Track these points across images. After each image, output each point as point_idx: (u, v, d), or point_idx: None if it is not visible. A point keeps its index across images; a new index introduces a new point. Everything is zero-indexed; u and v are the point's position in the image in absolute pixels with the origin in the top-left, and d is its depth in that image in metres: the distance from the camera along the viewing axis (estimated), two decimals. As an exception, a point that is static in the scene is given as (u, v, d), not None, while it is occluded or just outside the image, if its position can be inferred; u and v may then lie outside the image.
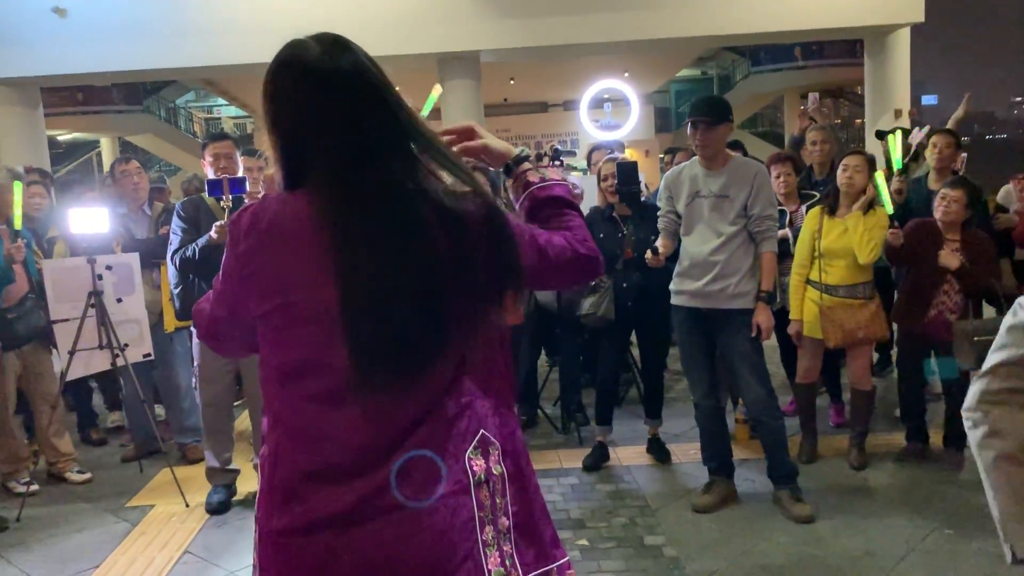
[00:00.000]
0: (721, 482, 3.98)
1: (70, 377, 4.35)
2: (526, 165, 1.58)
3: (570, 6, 12.01)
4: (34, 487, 4.52)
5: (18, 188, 4.17)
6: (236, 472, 4.34)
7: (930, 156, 4.81)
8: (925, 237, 4.15)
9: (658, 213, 4.02)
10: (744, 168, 3.81)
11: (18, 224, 4.21)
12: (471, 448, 1.38)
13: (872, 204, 4.15)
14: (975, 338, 3.88)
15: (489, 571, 1.36)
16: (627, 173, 4.20)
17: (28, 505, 4.29)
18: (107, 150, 24.30)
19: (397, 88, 1.44)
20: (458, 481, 1.35)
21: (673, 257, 3.98)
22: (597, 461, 4.50)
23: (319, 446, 1.34)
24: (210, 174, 4.13)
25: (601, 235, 4.37)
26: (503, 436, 1.44)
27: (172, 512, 4.22)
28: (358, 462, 1.32)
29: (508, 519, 1.42)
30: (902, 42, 12.89)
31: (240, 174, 4.08)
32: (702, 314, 3.82)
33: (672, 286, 3.93)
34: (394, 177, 1.33)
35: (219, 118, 31.18)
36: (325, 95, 1.34)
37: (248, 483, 4.37)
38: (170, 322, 4.77)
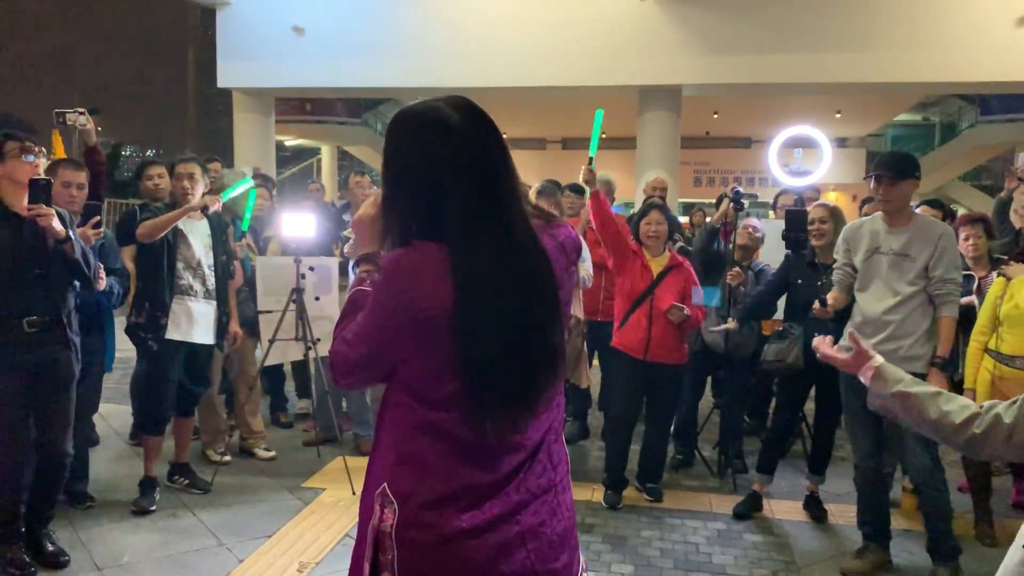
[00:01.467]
0: (875, 549, 3.83)
1: (268, 363, 4.84)
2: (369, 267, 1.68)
3: (778, 44, 11.78)
4: (227, 458, 5.05)
5: (252, 195, 4.73)
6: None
7: None
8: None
9: (834, 266, 3.95)
10: (929, 227, 3.68)
11: (245, 226, 4.75)
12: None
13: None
14: None
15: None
16: (795, 220, 4.16)
17: (220, 473, 4.79)
18: (327, 157, 26.22)
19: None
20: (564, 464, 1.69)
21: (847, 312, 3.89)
22: (749, 509, 4.45)
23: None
24: None
25: (799, 280, 4.34)
26: None
27: (340, 497, 4.58)
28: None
29: None
30: None
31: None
32: (871, 374, 3.70)
33: (842, 341, 3.84)
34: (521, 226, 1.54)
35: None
36: (467, 153, 1.52)
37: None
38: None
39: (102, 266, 3.90)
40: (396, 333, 1.50)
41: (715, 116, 21.66)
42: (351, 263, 1.86)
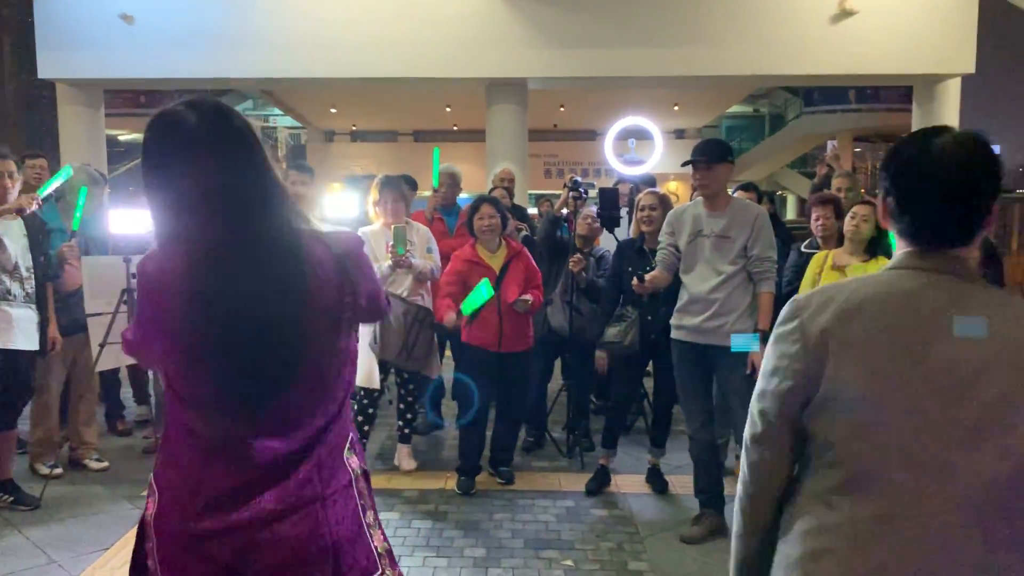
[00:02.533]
0: (711, 515, 4.06)
1: (99, 368, 4.59)
2: None
3: (619, 39, 12.17)
4: (58, 471, 4.76)
5: (83, 192, 4.46)
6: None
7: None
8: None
9: (658, 247, 4.13)
10: (746, 210, 3.92)
11: (75, 225, 4.48)
12: (346, 449, 1.68)
13: (876, 253, 4.21)
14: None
15: (376, 548, 1.69)
16: (608, 199, 4.32)
17: (51, 487, 4.51)
18: (165, 152, 25.06)
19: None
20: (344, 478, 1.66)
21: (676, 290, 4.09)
22: (600, 485, 4.61)
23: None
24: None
25: (630, 268, 4.50)
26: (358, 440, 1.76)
27: (183, 504, 4.41)
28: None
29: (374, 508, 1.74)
30: (952, 92, 12.84)
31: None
32: (700, 349, 3.92)
33: (672, 321, 4.05)
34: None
35: (274, 127, 31.90)
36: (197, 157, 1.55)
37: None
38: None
39: None
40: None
41: (561, 109, 22.15)
42: None
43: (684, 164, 3.99)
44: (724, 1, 12.16)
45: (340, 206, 6.25)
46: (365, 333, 4.80)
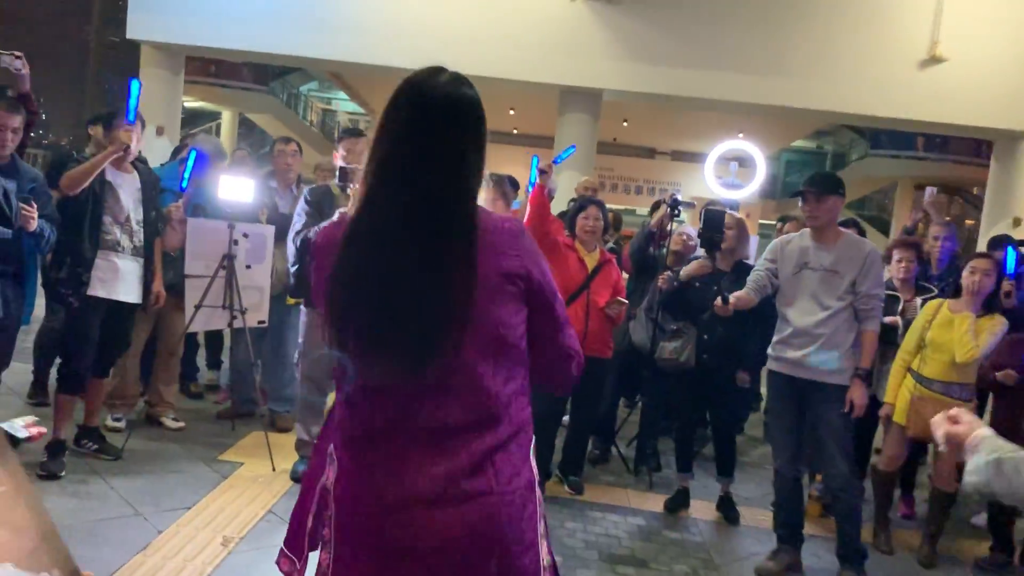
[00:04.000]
0: (788, 551, 4.01)
1: (191, 330, 4.65)
2: None
3: (703, 60, 12.12)
4: (121, 424, 4.83)
5: (192, 155, 4.54)
6: (323, 447, 4.55)
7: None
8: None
9: (754, 268, 4.09)
10: (856, 246, 3.88)
11: (184, 184, 4.54)
12: (532, 447, 1.67)
13: (993, 309, 4.14)
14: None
15: (543, 560, 1.64)
16: (714, 221, 4.29)
17: (130, 440, 4.57)
18: (227, 123, 25.31)
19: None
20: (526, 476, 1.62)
21: (758, 321, 4.08)
22: (679, 505, 4.61)
23: None
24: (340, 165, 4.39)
25: (697, 284, 4.49)
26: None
27: (259, 473, 4.45)
28: None
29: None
30: (1032, 151, 12.62)
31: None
32: (797, 383, 3.88)
33: (771, 351, 4.01)
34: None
35: (335, 111, 32.19)
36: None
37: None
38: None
39: (35, 206, 3.68)
40: None
41: (624, 124, 22.09)
42: None
43: (793, 195, 3.94)
44: (814, 34, 12.07)
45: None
46: None
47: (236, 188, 4.57)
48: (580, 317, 4.49)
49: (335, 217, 1.61)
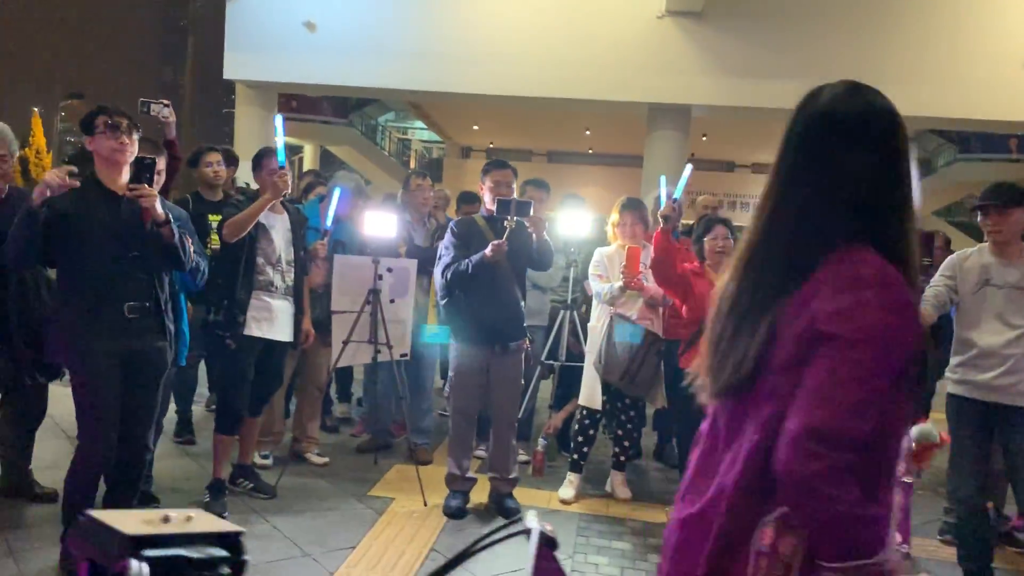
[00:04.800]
0: (977, 586, 3.79)
1: (340, 365, 4.67)
2: None
3: (784, 70, 11.84)
4: (268, 461, 4.86)
5: (336, 192, 4.58)
6: (474, 481, 4.51)
7: None
8: None
9: (931, 284, 3.91)
10: (1048, 261, 3.67)
11: (329, 223, 4.58)
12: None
13: None
14: None
15: None
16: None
17: (273, 477, 4.59)
18: (309, 156, 25.88)
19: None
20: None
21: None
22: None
23: None
24: (488, 198, 4.37)
25: None
26: None
27: (412, 509, 4.42)
28: None
29: None
30: None
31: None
32: (987, 408, 3.68)
33: (952, 375, 3.82)
34: None
35: (410, 139, 32.70)
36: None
37: (479, 494, 4.53)
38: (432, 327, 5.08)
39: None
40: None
41: (704, 139, 21.84)
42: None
43: (973, 208, 3.76)
44: (907, 39, 11.77)
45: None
46: (592, 351, 4.75)
47: (380, 223, 4.59)
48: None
49: None
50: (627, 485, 4.92)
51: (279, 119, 4.33)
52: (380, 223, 4.59)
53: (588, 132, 22.21)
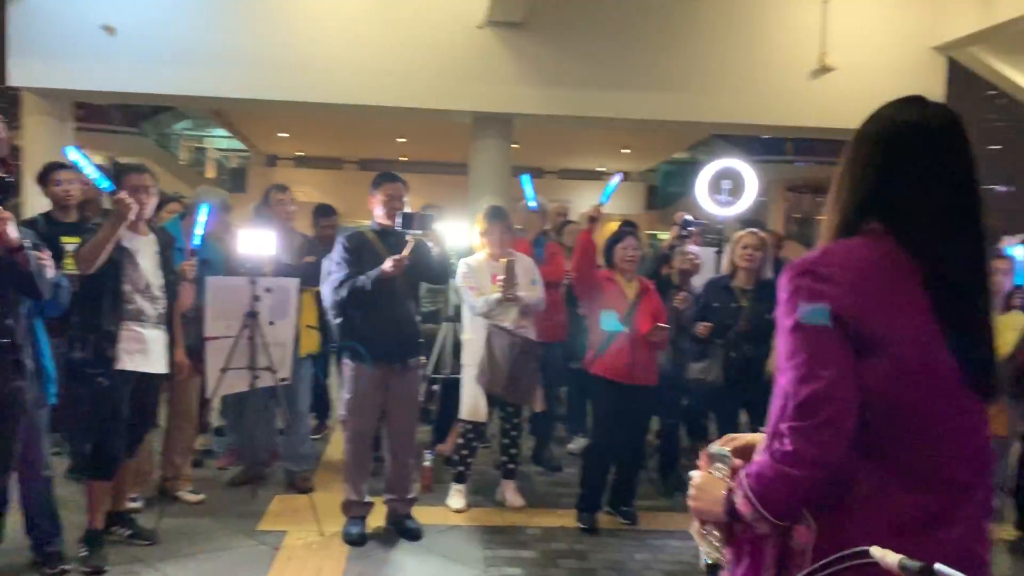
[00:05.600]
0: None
1: (221, 394, 4.35)
2: None
3: (598, 80, 12.39)
4: (138, 504, 4.45)
5: (203, 210, 4.24)
6: (371, 505, 4.36)
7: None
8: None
9: None
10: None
11: (196, 243, 4.24)
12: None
13: (1010, 307, 4.42)
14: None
15: None
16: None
17: (151, 519, 4.22)
18: (97, 168, 23.99)
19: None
20: None
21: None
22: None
23: None
24: (379, 210, 4.24)
25: (715, 304, 4.61)
26: None
27: (309, 540, 4.20)
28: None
29: None
30: (915, 149, 13.59)
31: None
32: None
33: None
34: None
35: (205, 148, 31.07)
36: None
37: (375, 518, 4.38)
38: (305, 347, 4.84)
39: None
40: None
41: (514, 147, 22.26)
42: None
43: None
44: (710, 50, 12.58)
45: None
46: (472, 365, 4.72)
47: (256, 241, 4.33)
48: (626, 348, 4.48)
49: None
50: (519, 492, 4.93)
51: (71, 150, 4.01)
52: (256, 241, 4.32)
53: (402, 140, 22.07)
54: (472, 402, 4.78)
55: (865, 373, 1.38)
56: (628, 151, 22.68)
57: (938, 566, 1.07)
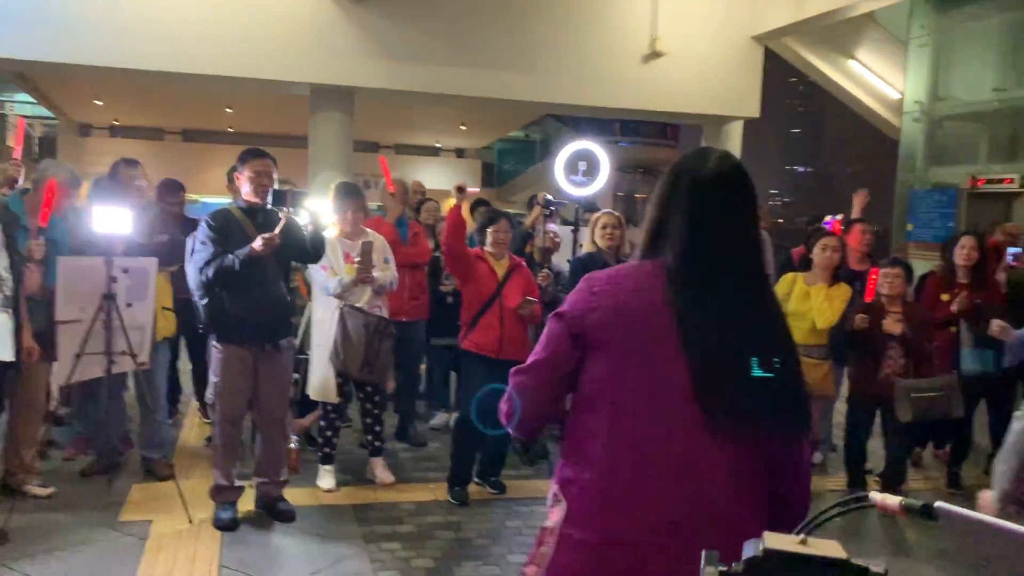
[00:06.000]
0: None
1: (75, 379, 4.10)
2: None
3: (440, 56, 12.45)
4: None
5: (51, 186, 3.95)
6: (242, 490, 4.27)
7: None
8: (870, 310, 4.94)
9: None
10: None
11: (44, 222, 3.96)
12: None
13: (838, 278, 4.89)
14: (913, 395, 4.71)
15: None
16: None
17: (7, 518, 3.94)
18: None
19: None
20: None
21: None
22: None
23: None
24: (246, 187, 4.12)
25: None
26: None
27: (178, 528, 4.07)
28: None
29: None
30: (736, 133, 14.49)
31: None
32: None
33: None
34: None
35: (6, 114, 28.47)
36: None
37: (243, 502, 4.30)
38: (161, 330, 4.64)
39: None
40: None
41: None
42: None
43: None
44: (550, 31, 12.90)
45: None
46: (324, 346, 4.66)
47: (112, 219, 4.09)
48: (495, 324, 4.59)
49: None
50: (388, 469, 4.96)
51: None
52: (111, 218, 4.08)
53: (230, 110, 21.12)
54: (322, 382, 4.72)
55: None
56: (465, 128, 22.81)
57: (938, 504, 1.21)
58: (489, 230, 4.71)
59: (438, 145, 25.60)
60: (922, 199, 10.93)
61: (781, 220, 43.09)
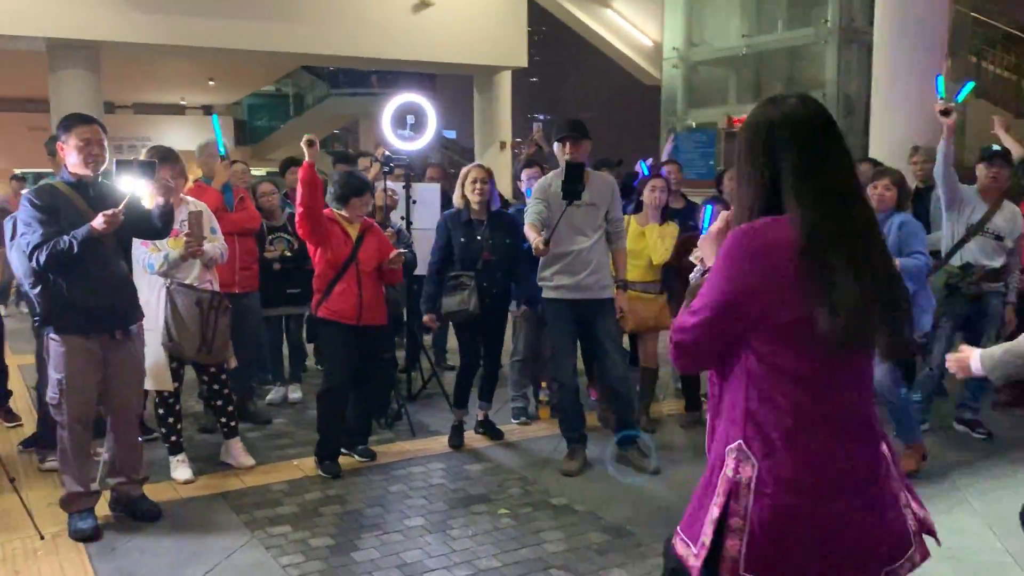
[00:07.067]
0: (580, 449, 4.66)
1: None
2: None
3: (196, 7, 11.66)
4: None
5: None
6: (99, 494, 3.86)
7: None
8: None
9: (533, 211, 4.52)
10: (603, 181, 4.59)
11: None
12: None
13: (668, 217, 5.21)
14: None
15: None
16: (575, 173, 4.33)
17: None
18: None
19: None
20: None
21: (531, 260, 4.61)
22: (461, 439, 4.99)
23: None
24: (73, 158, 3.65)
25: (462, 239, 4.79)
26: None
27: (33, 546, 3.61)
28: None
29: None
30: (505, 82, 14.80)
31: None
32: (576, 304, 4.49)
33: (549, 282, 4.52)
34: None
35: None
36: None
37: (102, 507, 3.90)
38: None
39: None
40: None
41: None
42: None
43: (559, 138, 4.47)
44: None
45: None
46: (154, 330, 4.27)
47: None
48: (353, 289, 4.44)
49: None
50: (247, 451, 4.69)
51: None
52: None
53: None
54: (156, 371, 4.32)
55: None
56: (213, 83, 21.39)
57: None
58: (353, 199, 4.50)
59: (183, 103, 23.83)
60: (684, 140, 11.80)
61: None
